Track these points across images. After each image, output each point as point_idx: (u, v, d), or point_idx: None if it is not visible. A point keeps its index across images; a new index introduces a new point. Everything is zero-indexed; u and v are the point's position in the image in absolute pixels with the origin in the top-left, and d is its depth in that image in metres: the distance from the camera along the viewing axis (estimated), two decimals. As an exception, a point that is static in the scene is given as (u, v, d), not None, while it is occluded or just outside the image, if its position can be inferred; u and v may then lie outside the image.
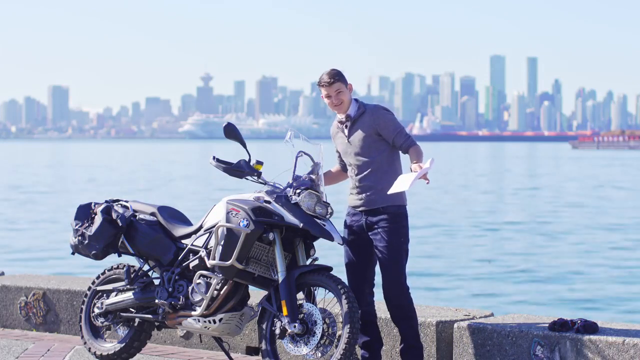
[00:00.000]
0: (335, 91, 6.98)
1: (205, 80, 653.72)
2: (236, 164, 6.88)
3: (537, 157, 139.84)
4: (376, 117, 6.96)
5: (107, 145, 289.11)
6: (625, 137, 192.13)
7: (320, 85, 7.03)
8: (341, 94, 6.99)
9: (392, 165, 6.99)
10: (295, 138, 6.88)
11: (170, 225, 7.30)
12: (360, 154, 6.96)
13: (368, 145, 6.94)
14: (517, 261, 24.33)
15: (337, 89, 6.99)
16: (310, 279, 6.71)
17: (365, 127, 6.95)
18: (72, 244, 7.51)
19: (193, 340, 8.11)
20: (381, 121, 6.95)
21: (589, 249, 27.01)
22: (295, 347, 6.66)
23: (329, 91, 6.99)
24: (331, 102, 7.02)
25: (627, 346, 6.40)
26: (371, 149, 6.94)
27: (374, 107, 7.04)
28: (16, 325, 9.14)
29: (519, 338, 6.77)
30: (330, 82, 6.99)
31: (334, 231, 6.74)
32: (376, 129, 6.93)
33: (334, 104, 7.02)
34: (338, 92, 6.99)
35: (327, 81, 6.99)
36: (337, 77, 7.01)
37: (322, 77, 7.05)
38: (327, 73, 7.04)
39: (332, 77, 7.01)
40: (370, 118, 6.95)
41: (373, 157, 6.95)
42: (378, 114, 6.97)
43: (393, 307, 6.94)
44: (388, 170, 6.94)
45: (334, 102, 7.01)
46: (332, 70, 7.07)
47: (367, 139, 6.95)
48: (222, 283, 6.86)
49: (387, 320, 7.26)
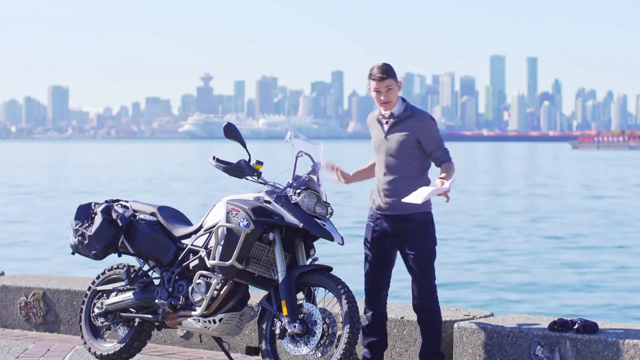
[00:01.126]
0: (385, 87, 6.76)
1: (205, 80, 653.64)
2: (236, 164, 6.88)
3: (540, 156, 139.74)
4: (422, 124, 6.78)
5: (107, 145, 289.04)
6: (625, 137, 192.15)
7: (371, 78, 6.79)
8: (391, 91, 6.78)
9: (423, 174, 6.85)
10: (295, 138, 6.86)
11: (170, 225, 7.30)
12: (395, 155, 6.80)
13: (405, 149, 6.79)
14: (517, 261, 24.33)
15: (387, 86, 6.77)
16: (310, 279, 6.71)
17: (408, 130, 6.78)
18: (72, 244, 7.51)
19: (193, 340, 8.11)
20: (426, 129, 6.78)
21: (589, 249, 27.01)
22: (295, 347, 6.66)
23: (379, 86, 6.77)
24: (379, 97, 6.80)
25: (627, 346, 6.40)
26: (407, 154, 6.79)
27: (421, 114, 6.84)
28: (16, 325, 9.14)
29: (519, 338, 6.77)
30: (382, 77, 6.75)
31: (334, 231, 6.73)
32: (418, 136, 6.77)
33: (382, 101, 6.80)
34: (388, 89, 6.78)
35: (380, 76, 6.76)
36: (390, 73, 6.77)
37: (373, 71, 6.79)
38: (380, 67, 6.79)
39: (385, 72, 6.77)
40: (415, 123, 6.78)
41: (407, 162, 6.80)
42: (424, 122, 6.79)
43: (422, 312, 6.89)
44: (418, 179, 6.80)
45: (383, 98, 6.79)
46: (385, 65, 6.82)
47: (406, 144, 6.78)
48: (222, 283, 6.86)
49: (388, 320, 7.24)
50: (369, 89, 6.85)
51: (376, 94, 6.80)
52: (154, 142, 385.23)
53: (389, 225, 6.83)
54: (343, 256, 22.71)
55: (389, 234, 6.86)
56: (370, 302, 6.98)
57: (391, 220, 6.83)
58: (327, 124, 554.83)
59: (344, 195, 46.35)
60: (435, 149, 6.80)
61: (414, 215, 6.79)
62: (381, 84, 6.76)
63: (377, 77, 6.76)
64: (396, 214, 6.80)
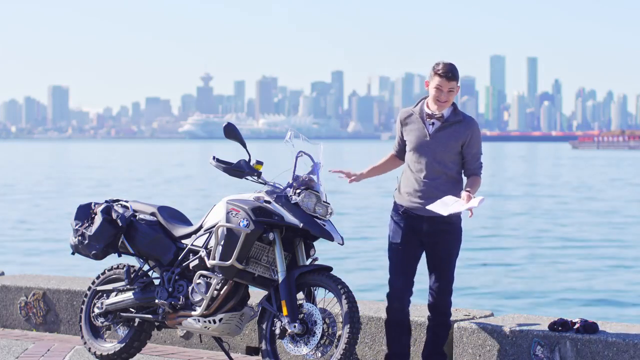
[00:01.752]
0: (449, 88, 6.63)
1: (205, 80, 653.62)
2: (236, 164, 6.87)
3: (540, 157, 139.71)
4: (471, 131, 6.71)
5: (107, 145, 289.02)
6: (625, 137, 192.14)
7: (438, 74, 6.62)
8: (451, 93, 6.65)
9: (460, 181, 6.79)
10: (295, 138, 6.86)
11: (170, 225, 7.30)
12: (439, 158, 6.68)
13: (451, 153, 6.70)
14: (517, 261, 24.32)
15: (451, 87, 6.63)
16: (310, 279, 6.71)
17: (457, 135, 6.68)
18: (72, 244, 7.51)
19: (193, 340, 8.11)
20: (474, 137, 6.72)
21: (589, 249, 27.01)
22: (295, 347, 6.66)
23: (443, 85, 6.61)
24: (439, 95, 6.63)
25: (627, 346, 6.40)
26: (452, 158, 6.71)
27: (471, 120, 6.76)
28: (16, 325, 9.14)
29: (519, 338, 6.76)
30: (450, 77, 6.61)
31: (334, 231, 6.73)
32: (464, 142, 6.69)
33: (440, 100, 6.64)
34: (450, 91, 6.64)
35: (449, 75, 6.60)
36: (457, 75, 6.64)
37: (441, 67, 6.62)
38: (448, 65, 6.63)
39: (455, 74, 6.62)
40: (465, 129, 6.70)
41: (450, 167, 6.72)
42: (474, 129, 6.72)
43: (439, 314, 6.88)
44: (456, 185, 6.73)
45: (443, 98, 6.64)
46: (453, 65, 6.65)
47: (453, 148, 6.69)
48: (222, 283, 6.86)
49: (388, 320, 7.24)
50: (427, 83, 6.68)
51: (436, 91, 6.63)
52: (154, 142, 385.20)
53: (423, 225, 6.74)
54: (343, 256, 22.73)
55: (422, 233, 6.76)
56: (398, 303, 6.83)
57: (425, 220, 6.73)
58: (327, 124, 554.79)
59: (344, 196, 46.37)
60: (473, 158, 6.75)
61: (451, 217, 6.70)
62: (447, 84, 6.61)
63: (446, 75, 6.59)
64: (433, 215, 6.67)
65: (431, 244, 6.79)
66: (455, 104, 6.73)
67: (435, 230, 6.74)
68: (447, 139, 6.70)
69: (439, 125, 6.71)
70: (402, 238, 6.80)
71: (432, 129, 6.72)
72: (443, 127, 6.71)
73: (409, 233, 6.79)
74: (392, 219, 6.89)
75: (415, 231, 6.78)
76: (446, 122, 6.71)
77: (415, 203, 6.75)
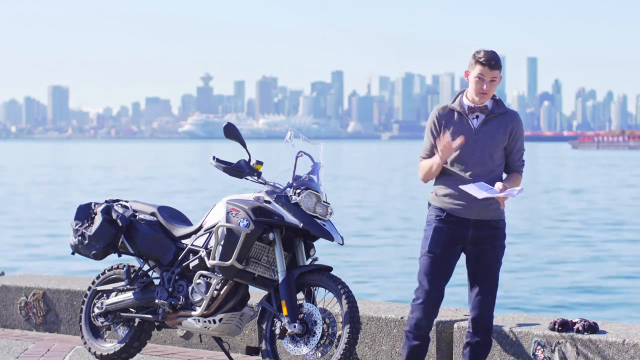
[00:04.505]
0: (491, 77, 6.19)
1: (205, 80, 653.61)
2: (236, 164, 6.87)
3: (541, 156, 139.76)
4: (516, 123, 6.29)
5: (107, 145, 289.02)
6: (625, 137, 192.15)
7: (480, 62, 6.17)
8: (493, 83, 6.21)
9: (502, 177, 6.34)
10: (295, 138, 6.85)
11: (170, 225, 7.30)
12: (487, 154, 6.22)
13: (499, 147, 6.25)
14: (517, 261, 24.32)
15: (494, 77, 6.19)
16: (310, 279, 6.70)
17: (503, 128, 6.25)
18: (72, 244, 7.51)
19: (193, 340, 8.11)
20: (519, 130, 6.31)
21: (588, 249, 27.01)
22: (295, 347, 6.65)
23: (485, 74, 6.17)
24: (480, 85, 6.18)
25: (627, 346, 6.39)
26: (499, 153, 6.27)
27: (513, 111, 6.34)
28: (16, 325, 9.13)
29: (519, 338, 6.76)
30: (493, 66, 6.17)
31: (334, 231, 6.72)
32: (510, 136, 6.26)
33: (482, 91, 6.20)
34: (492, 80, 6.20)
35: (492, 64, 6.16)
36: (500, 64, 6.19)
37: (482, 54, 6.18)
38: (491, 53, 6.19)
39: (497, 62, 6.17)
40: (511, 122, 6.28)
41: (498, 163, 6.28)
42: (519, 122, 6.31)
43: (481, 330, 6.44)
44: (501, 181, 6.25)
45: (485, 87, 6.19)
46: (495, 53, 6.21)
47: (501, 142, 6.24)
48: (222, 283, 6.86)
49: (388, 320, 7.25)
50: (466, 73, 6.26)
51: (478, 80, 6.19)
52: (154, 142, 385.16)
53: (468, 231, 6.27)
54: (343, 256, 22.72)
55: (467, 239, 6.30)
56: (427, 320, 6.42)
57: (472, 225, 6.27)
58: (327, 124, 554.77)
59: (345, 195, 46.34)
60: (517, 153, 6.33)
61: (499, 222, 6.32)
62: (489, 73, 6.17)
63: (488, 64, 6.16)
64: (482, 219, 6.26)
65: (476, 251, 6.32)
66: (496, 94, 6.33)
67: (482, 236, 6.29)
68: (494, 132, 6.25)
69: (484, 118, 6.26)
70: (442, 246, 6.30)
71: (476, 122, 6.27)
72: (488, 120, 6.27)
73: (451, 240, 6.30)
74: (431, 225, 6.35)
75: (458, 238, 6.30)
76: (491, 114, 6.27)
77: (459, 205, 6.25)
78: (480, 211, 6.24)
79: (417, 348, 6.45)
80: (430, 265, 6.33)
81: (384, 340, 7.28)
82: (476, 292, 6.40)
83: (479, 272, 6.37)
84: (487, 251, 6.33)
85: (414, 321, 6.42)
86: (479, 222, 6.28)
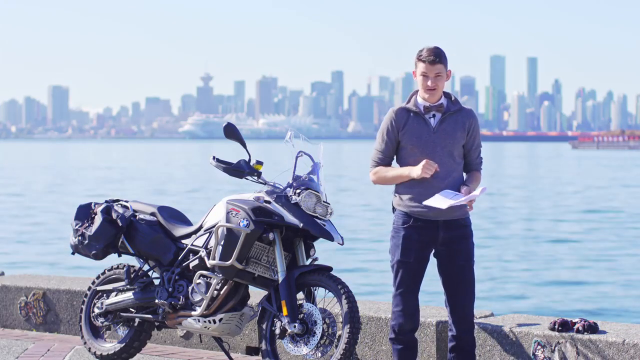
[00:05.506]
0: (435, 73, 6.18)
1: (205, 80, 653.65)
2: (236, 164, 6.87)
3: (541, 156, 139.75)
4: (473, 120, 6.28)
5: (107, 145, 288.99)
6: (625, 137, 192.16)
7: (420, 60, 6.20)
8: (439, 78, 6.20)
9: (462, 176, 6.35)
10: (295, 138, 6.85)
11: (170, 225, 7.30)
12: (447, 153, 6.22)
13: (458, 146, 6.25)
14: (517, 261, 24.32)
15: (437, 72, 6.19)
16: (310, 279, 6.70)
17: (461, 126, 6.24)
18: (72, 244, 7.51)
19: (193, 340, 8.11)
20: (476, 127, 6.30)
21: (589, 249, 27.00)
22: (295, 347, 6.65)
23: (428, 70, 6.17)
24: (425, 82, 6.19)
25: (627, 346, 6.40)
26: (459, 152, 6.27)
27: (470, 110, 6.34)
28: (16, 325, 9.13)
29: (519, 338, 6.76)
30: (433, 61, 6.16)
31: (334, 231, 6.72)
32: (467, 133, 6.26)
33: (428, 87, 6.19)
34: (437, 75, 6.19)
35: (431, 59, 6.17)
36: (442, 58, 6.18)
37: (423, 52, 6.19)
38: (431, 49, 6.20)
39: (437, 56, 6.16)
40: (467, 119, 6.28)
41: (459, 162, 6.29)
42: (475, 119, 6.28)
43: (464, 331, 6.43)
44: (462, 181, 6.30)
45: (430, 84, 6.18)
46: (437, 48, 6.22)
47: (459, 141, 6.24)
48: (222, 283, 6.86)
49: (388, 320, 7.24)
50: (414, 73, 6.31)
51: (423, 78, 6.22)
52: (153, 142, 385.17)
53: (438, 233, 6.26)
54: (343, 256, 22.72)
55: (438, 242, 6.29)
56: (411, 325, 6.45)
57: (441, 226, 6.25)
58: (327, 124, 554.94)
59: (344, 196, 46.34)
60: (475, 150, 6.35)
61: (466, 220, 6.31)
62: (432, 68, 6.18)
63: (427, 60, 6.17)
64: (450, 219, 6.24)
65: (449, 252, 6.31)
66: (450, 93, 6.32)
67: (453, 236, 6.28)
68: (452, 130, 6.26)
69: (441, 117, 6.26)
70: (414, 253, 6.31)
71: (434, 121, 6.27)
72: (445, 118, 6.27)
73: (422, 246, 6.30)
74: (399, 232, 6.34)
75: (429, 243, 6.30)
76: (447, 112, 6.28)
77: (426, 208, 6.21)
78: (447, 211, 6.20)
79: (406, 352, 6.49)
80: (405, 274, 6.35)
81: (384, 340, 7.28)
82: (453, 294, 6.40)
83: (454, 272, 6.36)
84: (461, 251, 6.33)
85: (397, 327, 6.47)
86: (448, 223, 6.28)
